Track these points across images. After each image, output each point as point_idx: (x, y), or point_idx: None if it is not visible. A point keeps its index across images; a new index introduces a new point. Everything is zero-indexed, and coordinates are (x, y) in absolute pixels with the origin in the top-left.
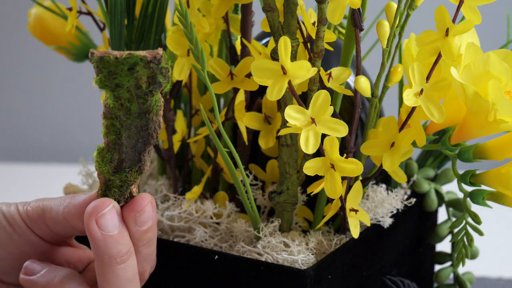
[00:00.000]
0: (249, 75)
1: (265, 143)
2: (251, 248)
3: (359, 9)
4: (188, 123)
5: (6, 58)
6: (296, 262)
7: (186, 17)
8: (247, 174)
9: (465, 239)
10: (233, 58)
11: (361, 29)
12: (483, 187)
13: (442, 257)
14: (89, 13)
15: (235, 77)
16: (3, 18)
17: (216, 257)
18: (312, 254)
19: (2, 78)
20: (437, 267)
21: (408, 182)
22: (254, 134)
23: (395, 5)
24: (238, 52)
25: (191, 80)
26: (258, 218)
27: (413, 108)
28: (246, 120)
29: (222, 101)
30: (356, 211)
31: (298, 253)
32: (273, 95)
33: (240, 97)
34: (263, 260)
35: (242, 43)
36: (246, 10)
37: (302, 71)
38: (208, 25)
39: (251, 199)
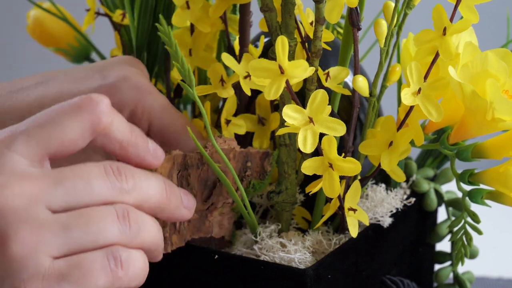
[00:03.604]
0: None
1: (259, 144)
2: (248, 251)
3: (356, 8)
4: None
5: (5, 59)
6: (293, 261)
7: (170, 37)
8: None
9: (464, 239)
10: None
11: (359, 29)
12: (482, 186)
13: (442, 257)
14: (106, 15)
15: (225, 84)
16: (2, 20)
17: (216, 257)
18: (309, 253)
19: (2, 78)
20: (437, 267)
21: (407, 182)
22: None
23: (392, 4)
24: (237, 52)
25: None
26: (256, 223)
27: (411, 107)
28: (240, 122)
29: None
30: (354, 210)
31: (295, 252)
32: (270, 94)
33: (230, 104)
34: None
35: (240, 43)
36: (244, 10)
37: (300, 70)
38: (209, 26)
39: (247, 204)
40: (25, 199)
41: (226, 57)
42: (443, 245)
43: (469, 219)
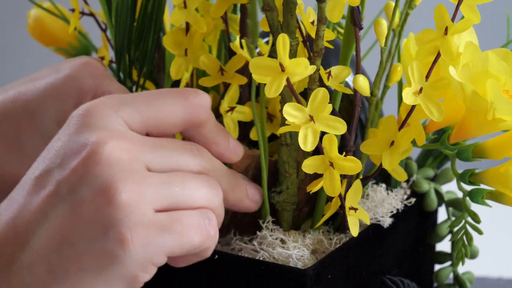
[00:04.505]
0: (238, 71)
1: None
2: (247, 245)
3: (358, 7)
4: None
5: (5, 59)
6: (291, 257)
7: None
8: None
9: (464, 239)
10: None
11: (360, 28)
12: (483, 186)
13: (442, 257)
14: (91, 14)
15: (225, 73)
16: (3, 19)
17: (216, 256)
18: (308, 250)
19: (2, 78)
20: (437, 267)
21: (407, 182)
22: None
23: (393, 4)
24: None
25: (193, 81)
26: (268, 210)
27: (413, 107)
28: (244, 109)
29: None
30: (355, 209)
31: (293, 248)
32: (271, 92)
33: (233, 91)
34: (259, 256)
35: (240, 44)
36: (245, 10)
37: (300, 68)
38: (206, 25)
39: (264, 194)
40: (128, 154)
41: (233, 45)
42: (443, 245)
43: (469, 219)
